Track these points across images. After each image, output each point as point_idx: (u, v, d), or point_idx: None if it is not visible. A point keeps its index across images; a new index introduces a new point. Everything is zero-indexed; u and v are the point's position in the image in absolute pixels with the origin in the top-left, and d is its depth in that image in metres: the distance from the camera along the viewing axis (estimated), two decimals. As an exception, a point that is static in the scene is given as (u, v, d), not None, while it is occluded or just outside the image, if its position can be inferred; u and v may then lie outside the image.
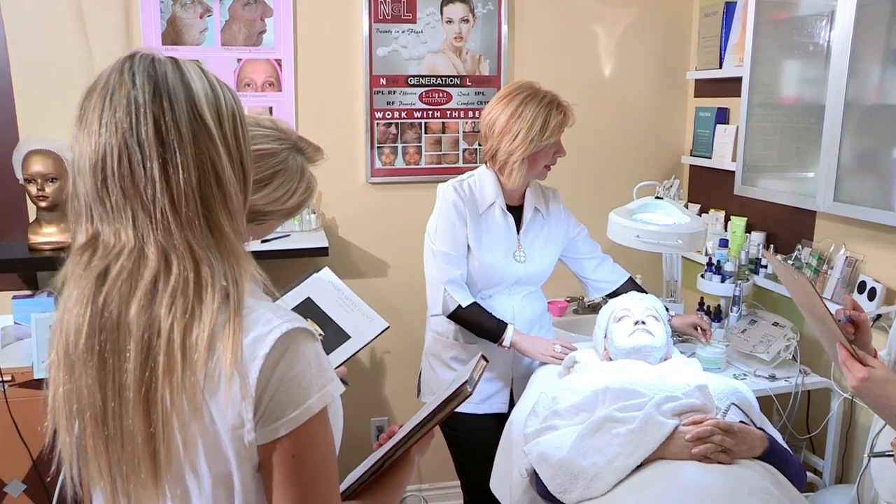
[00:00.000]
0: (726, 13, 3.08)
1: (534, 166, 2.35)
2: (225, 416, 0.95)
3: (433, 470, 3.46)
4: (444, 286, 2.35)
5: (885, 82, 2.20)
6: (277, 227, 1.59)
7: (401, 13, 3.10)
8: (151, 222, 0.96)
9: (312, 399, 0.97)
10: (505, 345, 2.33)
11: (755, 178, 2.76)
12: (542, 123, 2.27)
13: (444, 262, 2.37)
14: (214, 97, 1.01)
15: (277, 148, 1.50)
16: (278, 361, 0.96)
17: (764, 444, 1.88)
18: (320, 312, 1.93)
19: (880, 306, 2.36)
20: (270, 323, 0.97)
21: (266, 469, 0.98)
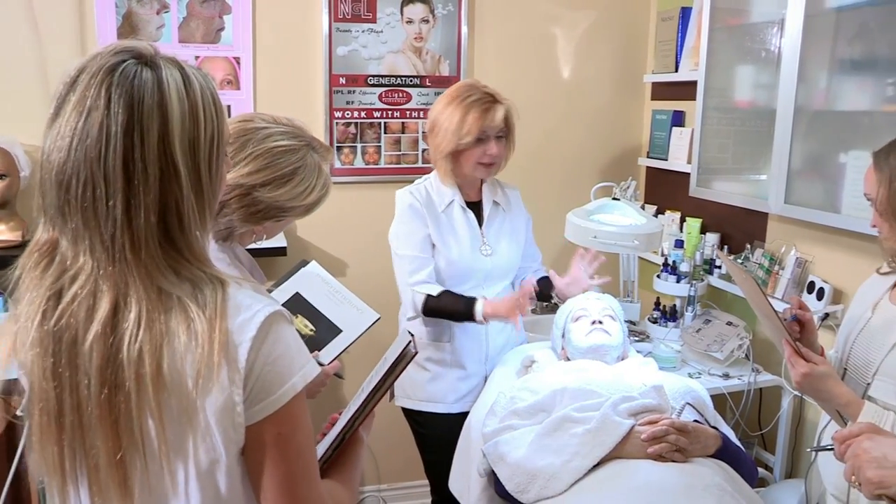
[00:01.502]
0: (682, 18, 3.12)
1: (461, 164, 2.37)
2: (216, 403, 0.97)
3: (393, 470, 3.46)
4: (412, 288, 2.36)
5: (832, 89, 2.26)
6: (292, 222, 1.61)
7: (361, 13, 3.09)
8: (109, 257, 0.96)
9: (295, 378, 1.01)
10: (478, 319, 2.30)
11: (710, 180, 2.81)
12: (459, 122, 2.29)
13: (408, 265, 2.39)
14: (193, 125, 1.00)
15: (296, 144, 1.52)
16: (263, 343, 0.99)
17: (717, 443, 1.92)
18: (310, 307, 1.93)
19: (828, 305, 2.42)
20: (252, 308, 1.00)
21: (253, 450, 1.01)
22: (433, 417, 2.49)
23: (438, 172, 2.43)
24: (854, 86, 2.19)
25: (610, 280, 2.54)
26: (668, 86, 3.32)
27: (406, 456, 2.79)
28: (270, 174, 1.49)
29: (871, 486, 1.17)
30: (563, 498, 1.79)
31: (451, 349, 2.45)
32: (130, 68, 0.97)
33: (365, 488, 3.49)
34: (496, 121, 2.29)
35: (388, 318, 2.46)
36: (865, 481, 1.18)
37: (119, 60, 0.98)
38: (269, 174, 1.49)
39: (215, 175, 1.04)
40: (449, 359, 2.46)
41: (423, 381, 2.48)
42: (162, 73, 0.99)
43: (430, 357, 2.48)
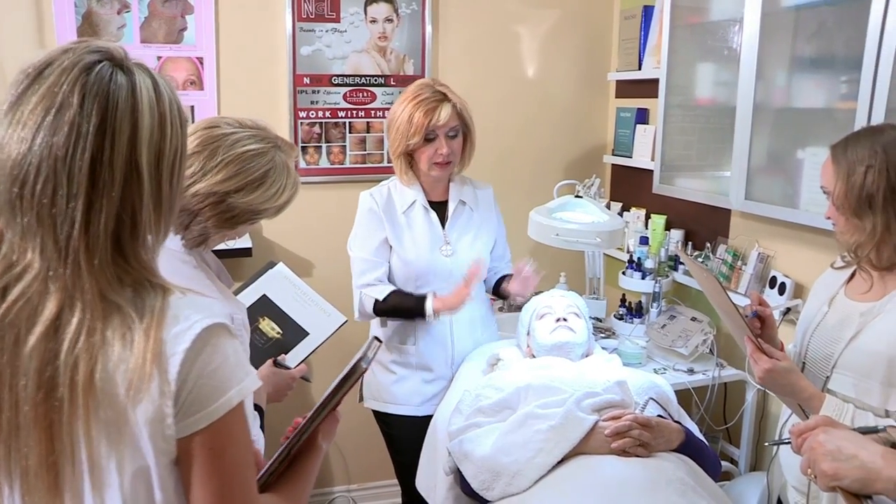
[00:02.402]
0: (644, 16, 3.15)
1: (417, 164, 2.37)
2: (146, 413, 0.95)
3: (362, 470, 3.46)
4: (359, 290, 2.37)
5: (790, 87, 2.29)
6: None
7: (324, 12, 3.08)
8: (60, 258, 0.95)
9: (231, 392, 0.99)
10: (429, 314, 2.30)
11: (672, 177, 2.83)
12: (407, 122, 2.29)
13: (357, 267, 2.41)
14: (160, 135, 0.99)
15: (265, 147, 1.52)
16: (198, 356, 0.97)
17: (680, 437, 1.94)
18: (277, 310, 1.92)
19: (789, 300, 2.46)
20: (190, 319, 0.98)
21: (185, 462, 0.99)
22: (400, 419, 2.49)
23: (396, 172, 2.42)
24: (811, 83, 2.22)
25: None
26: (631, 84, 3.34)
27: (376, 456, 2.79)
28: (243, 180, 1.49)
29: (825, 478, 1.19)
30: (528, 494, 1.80)
31: (416, 352, 2.45)
32: (106, 70, 0.96)
33: (334, 489, 3.48)
34: (441, 119, 2.27)
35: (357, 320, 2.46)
36: (820, 474, 1.19)
37: (95, 60, 0.96)
38: (241, 180, 1.49)
39: (175, 187, 1.03)
40: (414, 361, 2.46)
41: (388, 384, 2.48)
42: (136, 80, 0.98)
43: (395, 359, 2.47)
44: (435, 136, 2.31)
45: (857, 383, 1.68)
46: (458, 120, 2.34)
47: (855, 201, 1.66)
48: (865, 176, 1.63)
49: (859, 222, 1.67)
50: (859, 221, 1.67)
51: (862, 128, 1.79)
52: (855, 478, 1.15)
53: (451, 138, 2.34)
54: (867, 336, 1.67)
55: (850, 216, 1.68)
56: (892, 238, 1.64)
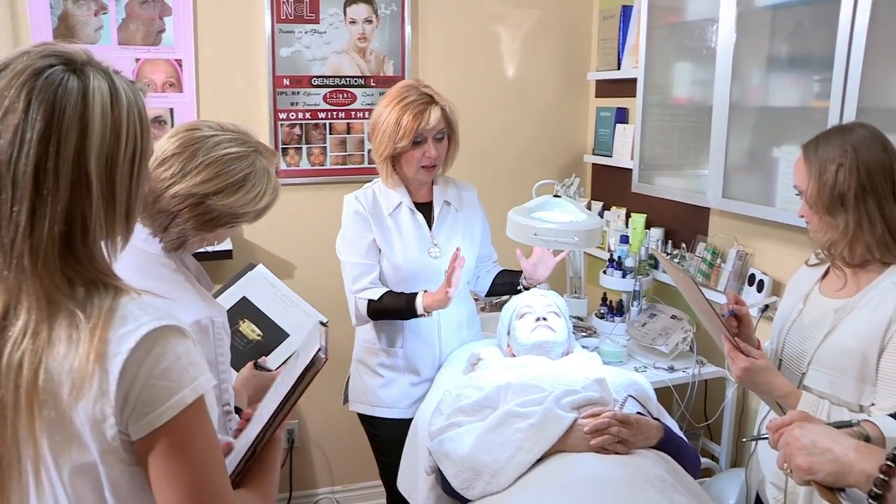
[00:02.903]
0: (623, 16, 3.17)
1: (403, 167, 2.35)
2: (87, 412, 0.96)
3: (346, 472, 3.46)
4: (355, 295, 2.36)
5: (765, 86, 2.31)
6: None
7: (304, 13, 3.07)
8: (5, 262, 0.95)
9: (185, 391, 0.99)
10: (420, 313, 2.28)
11: (651, 176, 2.85)
12: (394, 125, 2.26)
13: (351, 272, 2.38)
14: (114, 141, 0.98)
15: (245, 151, 1.52)
16: (144, 358, 0.97)
17: (659, 434, 1.95)
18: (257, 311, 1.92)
19: (767, 297, 2.48)
20: (138, 321, 0.98)
21: (149, 464, 0.99)
22: (386, 422, 2.48)
23: (381, 175, 2.40)
24: (785, 82, 2.24)
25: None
26: (611, 83, 3.36)
27: (360, 458, 2.79)
28: (222, 182, 1.48)
29: (800, 472, 1.20)
30: (508, 493, 1.80)
31: (404, 354, 2.44)
32: (57, 75, 0.95)
33: (319, 490, 3.48)
34: (431, 122, 2.26)
35: (337, 320, 2.46)
36: (796, 468, 1.20)
37: (47, 65, 0.96)
38: (221, 182, 1.48)
39: (134, 192, 1.03)
40: (402, 364, 2.45)
41: (375, 387, 2.47)
42: (89, 84, 0.97)
43: (382, 362, 2.46)
44: (423, 140, 2.29)
45: (832, 379, 1.70)
46: (445, 123, 2.33)
47: (827, 200, 1.68)
48: (837, 174, 1.66)
49: (832, 220, 1.69)
50: (832, 219, 1.69)
51: (832, 127, 1.80)
52: (829, 471, 1.16)
53: (438, 141, 2.32)
54: (841, 333, 1.69)
55: (822, 214, 1.70)
56: (865, 235, 1.66)
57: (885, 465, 1.10)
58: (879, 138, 1.68)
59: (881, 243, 1.66)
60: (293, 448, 3.38)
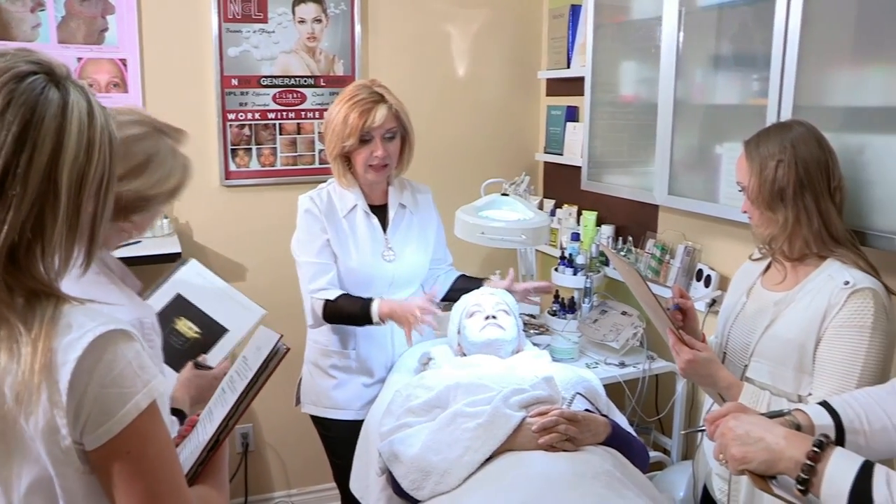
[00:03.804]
0: (572, 15, 3.19)
1: (354, 167, 2.34)
2: (37, 425, 0.94)
3: (302, 474, 3.44)
4: (311, 295, 2.34)
5: (708, 84, 2.34)
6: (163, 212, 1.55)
7: (251, 13, 3.04)
8: None
9: (138, 396, 0.98)
10: (375, 320, 2.27)
11: (600, 174, 2.87)
12: (342, 123, 2.26)
13: (306, 272, 2.36)
14: (86, 160, 0.97)
15: (144, 131, 1.49)
16: (95, 366, 0.95)
17: (607, 430, 1.96)
18: (193, 308, 1.88)
19: (715, 292, 2.51)
20: (83, 327, 0.96)
21: (105, 471, 0.98)
22: (339, 423, 2.47)
23: (334, 175, 2.38)
24: (727, 80, 2.27)
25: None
26: (561, 82, 3.38)
27: (315, 460, 2.77)
28: (125, 165, 1.45)
29: (735, 462, 1.22)
30: (457, 493, 1.80)
31: (357, 356, 2.43)
32: (38, 83, 0.95)
33: (275, 494, 3.45)
34: (377, 120, 2.24)
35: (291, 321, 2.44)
36: (730, 458, 1.23)
37: (29, 70, 0.95)
38: (123, 166, 1.45)
39: (100, 214, 1.02)
40: (354, 366, 2.44)
41: (328, 389, 2.45)
42: (69, 98, 0.97)
43: (335, 364, 2.45)
44: (371, 138, 2.28)
45: (772, 370, 1.73)
46: (396, 122, 2.32)
47: (767, 195, 1.71)
48: (776, 170, 1.69)
49: (772, 215, 1.73)
50: (772, 214, 1.73)
51: (772, 124, 1.84)
52: (761, 460, 1.19)
53: (388, 140, 2.31)
54: (780, 325, 1.73)
55: (763, 209, 1.74)
56: (803, 230, 1.70)
57: (812, 452, 1.13)
58: (816, 135, 1.73)
59: (818, 237, 1.70)
60: (247, 452, 3.35)
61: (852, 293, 1.61)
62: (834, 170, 1.71)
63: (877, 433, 1.34)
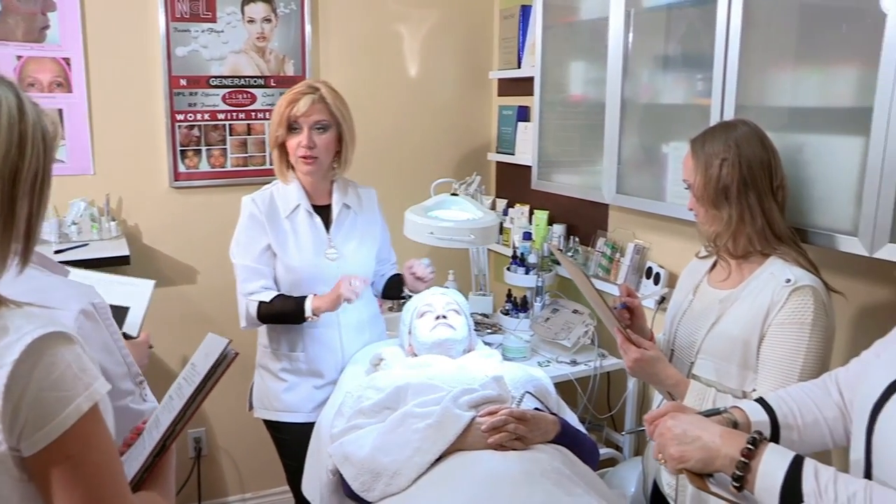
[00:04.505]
0: (522, 15, 3.21)
1: (286, 159, 2.38)
2: None
3: (256, 478, 3.40)
4: (246, 298, 2.33)
5: (655, 84, 2.36)
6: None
7: (199, 12, 3.01)
8: None
9: (80, 399, 0.96)
10: (308, 316, 2.28)
11: (550, 173, 2.89)
12: (276, 113, 2.33)
13: (242, 275, 2.36)
14: (18, 155, 0.96)
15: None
16: (33, 369, 0.93)
17: (556, 428, 1.98)
18: None
19: (664, 289, 2.54)
20: (21, 330, 0.95)
21: (43, 477, 0.96)
22: (292, 426, 2.45)
23: (274, 168, 2.42)
24: (672, 80, 2.30)
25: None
26: (512, 82, 3.40)
27: (269, 463, 2.75)
28: None
29: (672, 461, 1.23)
30: (407, 494, 1.80)
31: (306, 358, 2.42)
32: None
33: (229, 498, 3.42)
34: (301, 109, 2.27)
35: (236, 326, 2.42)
36: (668, 457, 1.24)
37: None
38: None
39: (35, 211, 1.00)
40: (304, 368, 2.43)
41: (278, 392, 2.44)
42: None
43: (284, 367, 2.44)
44: (298, 127, 2.31)
45: (717, 367, 1.76)
46: (327, 115, 2.32)
47: (713, 193, 1.74)
48: (721, 169, 1.72)
49: (717, 213, 1.76)
50: (717, 212, 1.75)
51: (718, 123, 1.87)
52: (698, 458, 1.20)
53: (319, 132, 2.32)
54: (725, 322, 1.75)
55: (709, 207, 1.77)
56: (747, 228, 1.73)
57: (746, 449, 1.15)
58: (759, 135, 1.76)
59: (761, 235, 1.73)
60: (200, 456, 3.31)
61: (793, 291, 1.64)
62: (776, 169, 1.75)
63: (809, 427, 1.37)
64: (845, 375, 1.41)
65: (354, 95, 2.39)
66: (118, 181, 2.99)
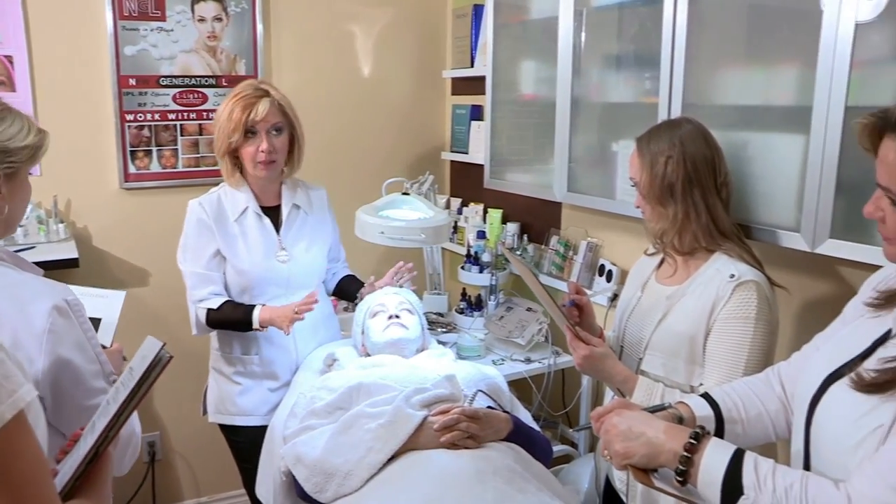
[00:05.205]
0: (475, 15, 3.22)
1: (242, 164, 2.34)
2: None
3: (211, 481, 3.37)
4: (195, 305, 2.32)
5: (604, 82, 2.39)
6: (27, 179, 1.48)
7: (148, 10, 2.96)
8: None
9: (2, 407, 0.93)
10: (255, 327, 2.27)
11: (502, 172, 2.90)
12: (227, 119, 2.26)
13: (191, 281, 2.34)
14: None
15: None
16: None
17: (509, 426, 1.98)
18: None
19: (616, 286, 2.57)
20: None
21: None
22: (247, 430, 2.43)
23: (223, 175, 2.37)
24: (622, 79, 2.32)
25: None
26: (465, 81, 3.41)
27: (225, 466, 2.72)
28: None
29: (618, 457, 1.25)
30: (360, 494, 1.79)
31: (260, 361, 2.40)
32: None
33: (184, 503, 3.37)
34: (260, 114, 2.24)
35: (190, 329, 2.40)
36: (614, 454, 1.25)
37: None
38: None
39: None
40: (258, 371, 2.41)
41: (233, 395, 2.42)
42: None
43: (238, 370, 2.42)
44: (255, 132, 2.27)
45: (665, 363, 1.78)
46: (282, 117, 2.31)
47: (658, 190, 1.76)
48: (666, 166, 1.74)
49: (663, 210, 1.78)
50: (663, 209, 1.78)
51: (662, 121, 1.90)
52: (643, 454, 1.22)
53: (274, 136, 2.30)
54: (672, 318, 1.78)
55: (655, 205, 1.79)
56: (692, 225, 1.76)
57: (689, 444, 1.17)
58: (703, 132, 1.78)
59: (706, 232, 1.76)
60: (154, 461, 3.27)
61: (738, 286, 1.67)
62: (720, 166, 1.77)
63: (753, 421, 1.40)
64: (787, 369, 1.44)
65: (307, 95, 2.37)
66: (66, 182, 2.94)
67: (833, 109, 1.63)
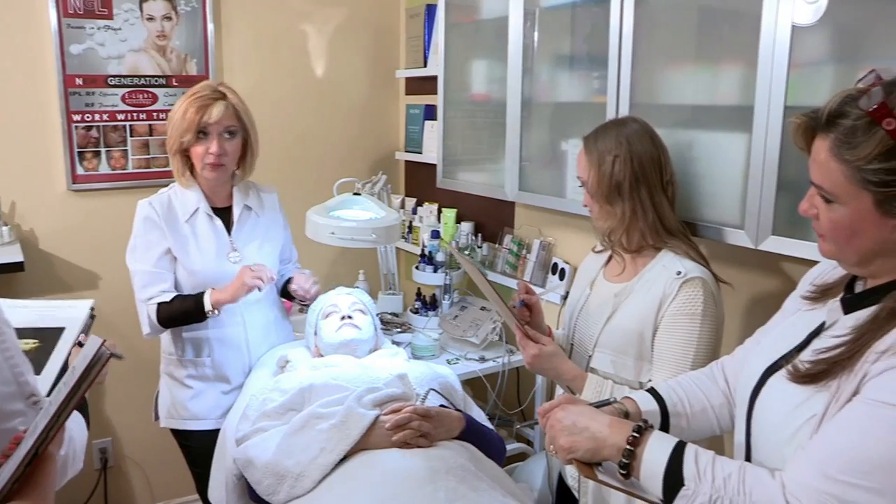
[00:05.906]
0: (428, 14, 3.22)
1: (192, 163, 2.32)
2: None
3: (165, 486, 3.33)
4: (145, 304, 2.28)
5: (554, 82, 2.41)
6: None
7: (94, 8, 2.91)
8: None
9: None
10: (208, 310, 2.25)
11: (455, 172, 2.91)
12: (180, 119, 2.25)
13: (140, 281, 2.31)
14: None
15: None
16: None
17: (461, 425, 1.99)
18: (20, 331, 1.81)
19: (568, 284, 2.59)
20: None
21: None
22: (200, 434, 2.40)
23: (174, 174, 2.35)
24: (571, 79, 2.34)
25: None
26: (419, 81, 3.41)
27: (179, 472, 2.68)
28: None
29: (563, 452, 1.26)
30: (313, 495, 1.78)
31: (212, 363, 2.38)
32: None
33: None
34: (214, 116, 2.23)
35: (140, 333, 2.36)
36: (559, 448, 1.27)
37: None
38: None
39: None
40: (211, 374, 2.39)
41: (185, 400, 2.39)
42: None
43: (190, 374, 2.39)
44: (207, 134, 2.25)
45: (614, 360, 1.80)
46: (236, 121, 2.29)
47: (606, 189, 1.78)
48: (613, 165, 1.76)
49: (611, 208, 1.80)
50: (611, 208, 1.79)
51: (609, 120, 1.92)
52: (587, 448, 1.23)
53: (227, 139, 2.28)
54: (621, 315, 1.80)
55: (602, 203, 1.81)
56: (639, 223, 1.78)
57: (631, 437, 1.18)
58: (649, 132, 1.81)
59: (653, 230, 1.78)
60: (107, 468, 3.22)
61: (684, 283, 1.70)
62: (666, 164, 1.80)
63: (698, 414, 1.42)
64: (730, 363, 1.46)
65: (259, 95, 2.35)
66: (11, 184, 2.88)
67: (773, 109, 1.67)
